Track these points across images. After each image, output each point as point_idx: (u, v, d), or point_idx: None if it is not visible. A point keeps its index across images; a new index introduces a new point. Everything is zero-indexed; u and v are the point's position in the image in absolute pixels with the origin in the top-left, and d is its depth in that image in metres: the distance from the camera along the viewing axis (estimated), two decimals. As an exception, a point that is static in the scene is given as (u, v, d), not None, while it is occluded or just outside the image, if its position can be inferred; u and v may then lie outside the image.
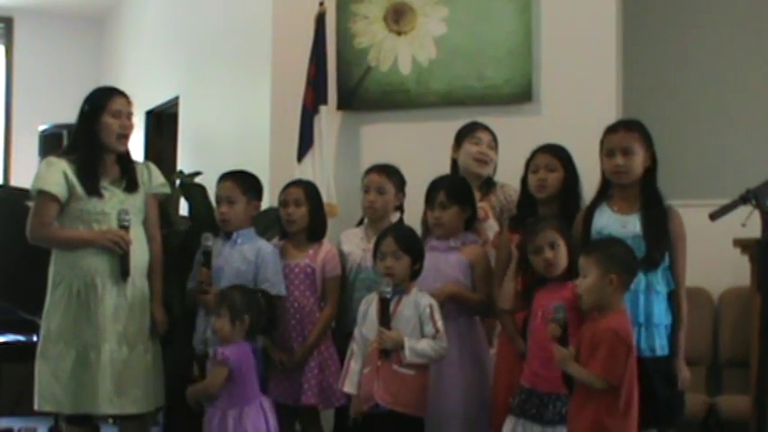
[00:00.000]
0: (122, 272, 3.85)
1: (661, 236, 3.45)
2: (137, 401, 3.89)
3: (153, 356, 3.96)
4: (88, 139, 3.91)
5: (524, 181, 3.80)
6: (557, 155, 3.74)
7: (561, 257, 3.36)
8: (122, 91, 4.03)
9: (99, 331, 3.82)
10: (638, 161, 3.49)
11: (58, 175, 3.84)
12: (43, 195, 3.84)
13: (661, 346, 3.42)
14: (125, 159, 4.01)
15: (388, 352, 3.51)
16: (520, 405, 3.35)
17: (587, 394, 3.06)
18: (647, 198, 3.51)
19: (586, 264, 3.13)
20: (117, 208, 3.88)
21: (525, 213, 3.76)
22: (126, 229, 3.85)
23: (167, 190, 4.20)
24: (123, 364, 3.85)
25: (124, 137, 3.94)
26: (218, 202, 4.08)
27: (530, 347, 3.41)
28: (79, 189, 3.85)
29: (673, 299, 3.48)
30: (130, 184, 3.97)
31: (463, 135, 4.31)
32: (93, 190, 3.86)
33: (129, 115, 3.98)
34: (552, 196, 3.72)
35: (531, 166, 3.76)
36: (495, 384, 3.74)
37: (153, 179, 4.08)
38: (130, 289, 3.90)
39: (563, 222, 3.49)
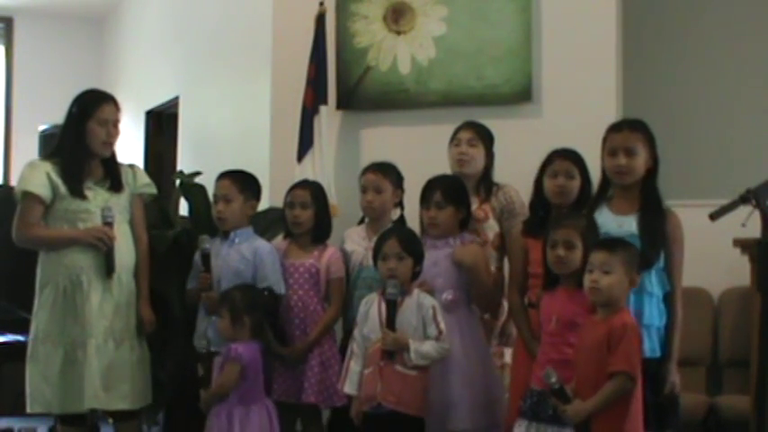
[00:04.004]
0: (107, 268, 3.87)
1: (657, 236, 3.43)
2: (125, 397, 3.90)
3: (139, 354, 3.98)
4: (73, 141, 3.94)
5: (538, 183, 3.76)
6: (575, 162, 3.70)
7: (574, 258, 3.30)
8: (112, 96, 4.04)
9: (85, 328, 3.84)
10: (641, 161, 3.48)
11: (42, 177, 3.87)
12: (27, 197, 3.87)
13: (651, 349, 3.37)
14: (110, 160, 4.03)
15: (392, 353, 3.51)
16: (532, 408, 3.30)
17: (603, 416, 3.06)
18: (647, 199, 3.50)
19: (611, 261, 3.11)
20: (101, 206, 3.89)
21: (539, 217, 3.73)
22: (110, 225, 3.87)
23: (153, 190, 4.20)
24: (109, 359, 3.86)
25: (109, 144, 3.97)
26: (215, 200, 4.10)
27: (542, 350, 3.37)
28: (63, 189, 3.88)
29: (668, 301, 3.46)
30: (114, 184, 3.99)
31: (450, 140, 4.32)
32: (77, 191, 3.89)
33: (116, 123, 4.00)
34: (568, 202, 3.69)
35: (548, 170, 3.71)
36: (511, 386, 3.73)
37: (138, 180, 4.11)
38: (117, 286, 3.91)
39: (590, 223, 3.43)
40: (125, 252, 3.96)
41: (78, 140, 3.92)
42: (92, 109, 3.93)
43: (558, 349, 3.27)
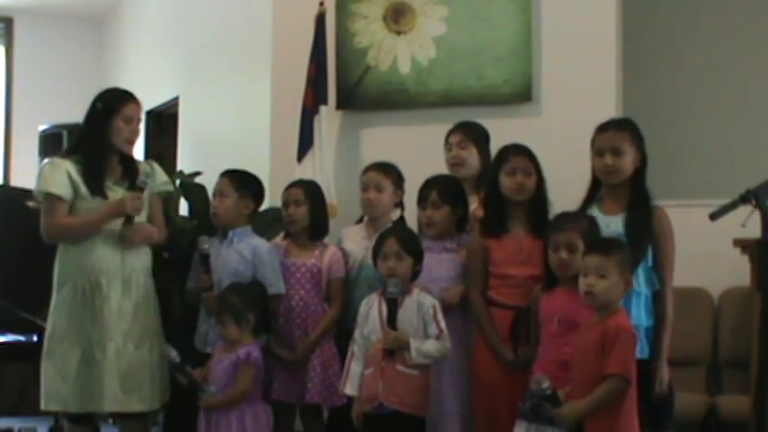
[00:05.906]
0: (126, 220, 3.83)
1: (642, 235, 3.40)
2: (143, 399, 3.90)
3: (158, 354, 3.97)
4: (96, 138, 3.92)
5: (494, 181, 3.72)
6: (530, 158, 3.69)
7: (577, 260, 3.27)
8: (135, 96, 4.03)
9: (104, 330, 3.83)
10: (628, 161, 3.46)
11: (62, 176, 3.86)
12: (50, 197, 3.85)
13: (640, 349, 3.32)
14: (128, 159, 4.03)
15: (393, 352, 3.51)
16: (533, 409, 3.24)
17: (595, 417, 3.06)
18: (635, 198, 3.48)
19: (606, 264, 3.09)
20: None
21: (494, 216, 3.71)
22: (141, 190, 3.87)
23: (170, 188, 4.23)
24: (129, 362, 3.86)
25: (131, 142, 3.98)
26: (212, 197, 4.12)
27: (543, 351, 3.36)
28: (83, 189, 3.87)
29: (657, 299, 3.43)
30: (134, 184, 3.98)
31: (444, 144, 4.32)
32: (98, 190, 3.88)
33: (139, 121, 4.01)
34: (526, 200, 3.68)
35: (504, 167, 3.68)
36: (477, 388, 3.69)
37: (156, 178, 4.10)
38: (135, 287, 3.91)
39: (591, 224, 3.41)
40: (143, 252, 3.96)
41: (102, 137, 3.91)
42: (117, 105, 3.92)
43: (560, 350, 3.26)
